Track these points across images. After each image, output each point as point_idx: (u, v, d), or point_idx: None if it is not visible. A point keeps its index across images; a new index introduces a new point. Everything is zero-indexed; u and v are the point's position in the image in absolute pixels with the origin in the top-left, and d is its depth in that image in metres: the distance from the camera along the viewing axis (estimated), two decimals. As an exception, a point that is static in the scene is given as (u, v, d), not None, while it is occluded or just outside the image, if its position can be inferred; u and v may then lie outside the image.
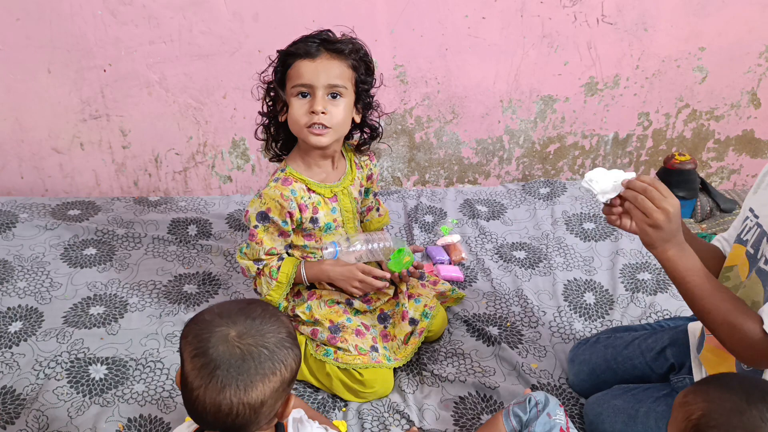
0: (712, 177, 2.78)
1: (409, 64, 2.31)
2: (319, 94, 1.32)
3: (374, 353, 1.47)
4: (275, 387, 0.87)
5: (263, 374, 0.86)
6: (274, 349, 0.87)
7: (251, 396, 0.85)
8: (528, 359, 1.57)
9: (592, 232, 2.03)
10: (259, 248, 1.41)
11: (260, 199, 1.40)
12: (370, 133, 1.50)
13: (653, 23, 2.34)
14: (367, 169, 1.56)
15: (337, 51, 1.34)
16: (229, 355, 0.85)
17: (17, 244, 1.86)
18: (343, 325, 1.47)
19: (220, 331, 0.87)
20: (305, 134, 1.36)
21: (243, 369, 0.85)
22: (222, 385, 0.84)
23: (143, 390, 1.43)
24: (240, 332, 0.87)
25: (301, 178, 1.42)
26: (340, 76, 1.34)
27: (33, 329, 1.57)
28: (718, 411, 0.83)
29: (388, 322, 1.55)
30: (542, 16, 2.28)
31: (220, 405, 0.85)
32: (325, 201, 1.45)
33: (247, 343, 0.86)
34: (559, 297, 1.77)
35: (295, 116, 1.35)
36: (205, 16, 2.11)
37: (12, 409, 1.37)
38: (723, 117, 2.61)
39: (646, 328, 1.54)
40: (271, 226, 1.40)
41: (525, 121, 2.51)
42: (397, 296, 1.58)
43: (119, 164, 2.36)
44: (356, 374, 1.42)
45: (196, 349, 0.87)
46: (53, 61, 2.12)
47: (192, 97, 2.25)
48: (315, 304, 1.49)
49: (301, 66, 1.33)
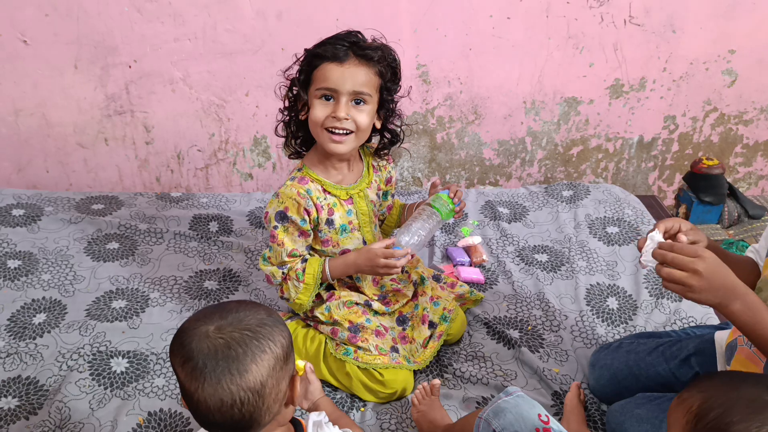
0: (740, 182, 2.72)
1: (431, 64, 2.30)
2: (343, 100, 1.30)
3: (394, 354, 1.46)
4: (270, 365, 0.87)
5: (253, 355, 0.86)
6: (257, 329, 0.88)
7: (248, 380, 0.85)
8: (549, 363, 1.55)
9: (616, 236, 2.00)
10: (281, 250, 1.40)
11: (278, 199, 1.39)
12: (390, 139, 1.48)
13: (682, 25, 2.30)
14: (385, 171, 1.54)
15: (366, 57, 1.31)
16: (214, 348, 0.86)
17: (42, 237, 1.88)
18: (363, 326, 1.46)
19: (199, 330, 0.88)
20: (324, 138, 1.35)
21: (231, 356, 0.85)
22: (217, 379, 0.85)
23: (163, 384, 1.44)
24: (218, 326, 0.88)
25: (317, 179, 1.41)
26: (366, 83, 1.31)
27: (56, 321, 1.59)
28: (715, 394, 0.84)
29: (407, 324, 1.54)
30: (568, 17, 2.25)
31: (222, 398, 0.85)
32: (341, 203, 1.44)
33: (229, 332, 0.87)
34: (581, 301, 1.75)
35: (315, 118, 1.33)
36: (230, 14, 2.12)
37: (35, 400, 1.38)
38: (752, 121, 2.56)
39: (671, 335, 1.51)
40: (290, 226, 1.39)
41: (548, 123, 2.48)
42: (416, 298, 1.57)
43: (142, 160, 2.38)
44: (376, 374, 1.41)
45: (182, 357, 0.87)
46: (80, 58, 2.15)
47: (215, 94, 2.27)
48: (334, 305, 1.48)
49: (327, 69, 1.30)
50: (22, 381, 1.43)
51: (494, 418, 1.11)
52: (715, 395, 0.83)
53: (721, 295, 1.01)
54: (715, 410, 0.82)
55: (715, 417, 0.81)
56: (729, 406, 0.81)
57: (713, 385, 0.86)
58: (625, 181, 2.65)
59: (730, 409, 0.81)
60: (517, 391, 1.15)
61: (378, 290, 1.55)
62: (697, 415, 0.84)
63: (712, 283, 1.00)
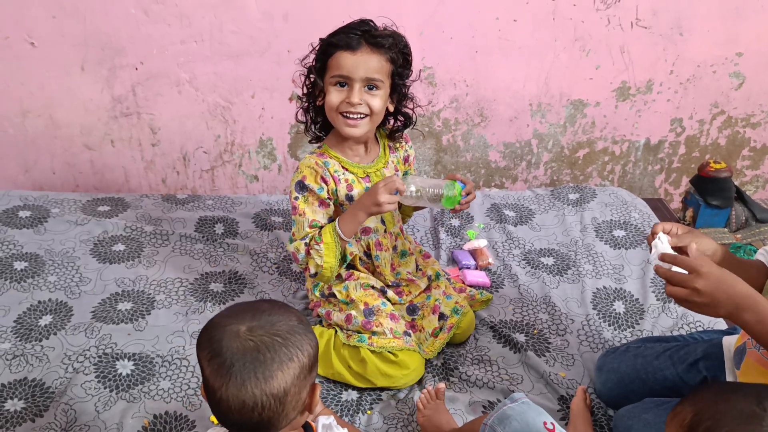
0: (747, 185, 2.71)
1: (437, 66, 2.30)
2: (356, 86, 1.37)
3: (407, 337, 1.50)
4: (295, 374, 0.87)
5: (280, 362, 0.86)
6: (287, 336, 0.88)
7: (272, 386, 0.86)
8: (555, 368, 1.54)
9: (622, 240, 1.99)
10: (303, 220, 1.44)
11: (297, 171, 1.46)
12: (404, 121, 1.54)
13: (689, 27, 2.29)
14: (402, 150, 1.59)
15: (378, 45, 1.37)
16: (243, 349, 0.86)
17: (48, 239, 1.89)
18: (378, 308, 1.50)
19: (231, 329, 0.88)
20: (339, 122, 1.41)
21: (259, 360, 0.85)
22: (242, 380, 0.85)
23: (169, 387, 1.44)
24: (250, 327, 0.88)
25: (337, 157, 1.48)
26: (378, 70, 1.38)
27: (62, 323, 1.59)
28: (706, 406, 0.85)
29: (416, 313, 1.58)
30: (575, 19, 2.24)
31: (244, 400, 0.85)
32: (359, 180, 1.49)
33: (259, 335, 0.87)
34: (587, 305, 1.74)
35: (331, 103, 1.40)
36: (236, 15, 2.12)
37: (41, 402, 1.38)
38: (759, 124, 2.54)
39: (678, 339, 1.50)
40: (309, 196, 1.44)
41: (554, 126, 2.47)
42: (429, 290, 1.61)
43: (148, 162, 2.39)
44: (391, 356, 1.44)
45: (210, 352, 0.87)
46: (87, 59, 2.15)
47: (221, 96, 2.27)
48: (352, 286, 1.53)
49: (341, 57, 1.36)
50: (28, 383, 1.43)
51: (499, 425, 1.11)
52: (706, 407, 0.84)
53: (729, 307, 1.00)
54: (705, 422, 0.83)
55: (706, 428, 0.82)
56: (718, 418, 0.82)
57: (704, 397, 0.87)
58: (632, 184, 2.64)
59: (720, 420, 0.82)
60: (522, 397, 1.15)
61: (393, 276, 1.59)
62: (689, 427, 0.85)
63: (716, 297, 0.99)
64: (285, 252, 1.90)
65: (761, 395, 0.83)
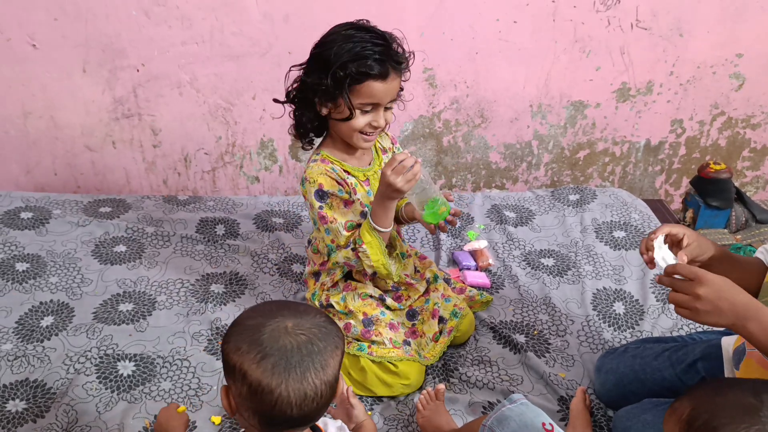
0: (747, 186, 2.71)
1: (438, 68, 2.30)
2: (381, 110, 1.39)
3: (407, 347, 1.50)
4: (339, 361, 0.91)
5: (331, 350, 0.89)
6: (326, 326, 0.92)
7: (328, 374, 0.88)
8: (555, 368, 1.54)
9: (623, 241, 1.99)
10: (336, 226, 1.42)
11: (309, 183, 1.43)
12: None
13: (689, 28, 2.30)
14: (390, 152, 1.60)
15: (400, 71, 1.39)
16: (298, 343, 0.87)
17: (50, 240, 1.89)
18: (377, 318, 1.50)
19: (275, 327, 0.88)
20: (357, 139, 1.42)
21: (315, 351, 0.88)
22: (302, 373, 0.86)
23: (170, 388, 1.44)
24: (295, 322, 0.90)
25: (337, 161, 1.47)
26: (397, 90, 1.41)
27: (64, 324, 1.60)
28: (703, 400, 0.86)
29: (416, 318, 1.58)
30: (575, 21, 2.25)
31: (306, 392, 0.86)
32: (361, 184, 1.49)
33: (307, 328, 0.89)
34: (587, 306, 1.74)
35: (356, 126, 1.39)
36: (237, 17, 2.13)
37: (42, 403, 1.39)
38: (759, 125, 2.55)
39: (677, 340, 1.50)
40: (332, 200, 1.42)
41: (554, 127, 2.48)
42: (427, 294, 1.61)
43: (149, 163, 2.39)
44: (391, 366, 1.45)
45: (259, 353, 0.86)
46: (88, 61, 2.16)
47: (222, 97, 2.28)
48: (349, 296, 1.52)
49: (373, 87, 1.35)
50: (30, 384, 1.43)
51: (498, 426, 1.11)
52: (703, 402, 0.85)
53: (731, 316, 1.00)
54: (703, 416, 0.83)
55: (704, 422, 0.83)
56: (716, 411, 0.83)
57: (702, 392, 0.88)
58: (632, 185, 2.65)
59: (718, 413, 0.83)
60: (521, 398, 1.15)
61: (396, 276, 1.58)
62: (687, 422, 0.85)
63: (718, 306, 1.00)
64: (285, 253, 1.91)
65: (758, 388, 0.84)
